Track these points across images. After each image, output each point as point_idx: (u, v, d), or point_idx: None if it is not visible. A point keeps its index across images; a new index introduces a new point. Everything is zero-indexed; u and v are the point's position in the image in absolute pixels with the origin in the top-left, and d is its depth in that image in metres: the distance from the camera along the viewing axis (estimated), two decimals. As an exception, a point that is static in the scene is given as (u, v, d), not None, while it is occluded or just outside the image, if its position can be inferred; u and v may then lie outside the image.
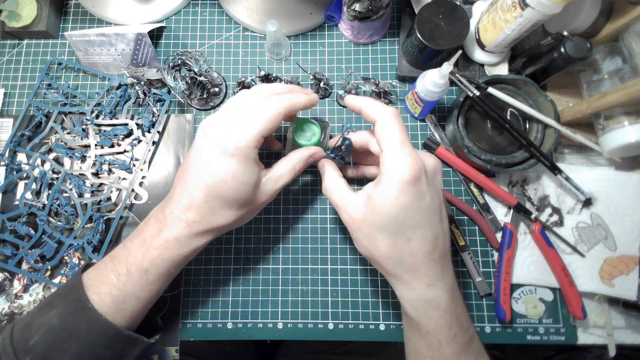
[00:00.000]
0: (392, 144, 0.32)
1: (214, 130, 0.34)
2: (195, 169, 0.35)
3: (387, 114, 0.33)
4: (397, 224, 0.32)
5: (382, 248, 0.33)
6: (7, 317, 0.46)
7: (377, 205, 0.32)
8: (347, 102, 0.37)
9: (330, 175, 0.37)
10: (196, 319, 0.45)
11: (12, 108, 0.51)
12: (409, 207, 0.31)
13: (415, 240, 0.32)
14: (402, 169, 0.31)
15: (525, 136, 0.44)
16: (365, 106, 0.35)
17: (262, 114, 0.34)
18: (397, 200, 0.31)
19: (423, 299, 0.33)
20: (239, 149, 0.33)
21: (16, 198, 0.48)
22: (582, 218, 0.46)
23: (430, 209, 0.32)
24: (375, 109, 0.34)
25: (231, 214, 0.35)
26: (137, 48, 0.50)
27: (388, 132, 0.32)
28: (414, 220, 0.32)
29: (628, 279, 0.44)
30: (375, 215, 0.32)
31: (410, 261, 0.32)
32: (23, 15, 0.51)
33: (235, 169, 0.33)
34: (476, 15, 0.48)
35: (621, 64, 0.43)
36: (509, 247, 0.45)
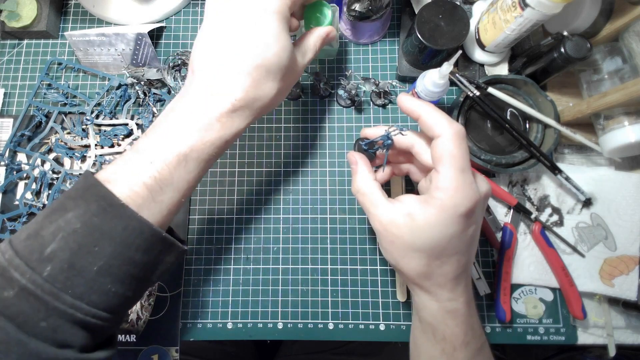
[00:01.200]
0: (454, 169, 0.29)
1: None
2: (224, 35, 0.31)
3: (453, 133, 0.30)
4: (437, 251, 0.30)
5: (412, 265, 0.31)
6: (7, 317, 0.46)
7: (421, 228, 0.29)
8: (403, 103, 0.33)
9: (363, 176, 0.34)
10: (196, 319, 0.45)
11: (12, 108, 0.51)
12: (454, 238, 0.30)
13: (449, 264, 0.31)
14: (459, 201, 0.29)
15: (525, 136, 0.44)
16: (427, 115, 0.31)
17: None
18: (445, 230, 0.29)
19: (443, 310, 0.32)
20: (279, 4, 0.30)
21: (16, 198, 0.48)
22: (582, 218, 0.46)
23: (472, 237, 0.31)
24: (439, 123, 0.30)
25: (273, 85, 0.32)
26: (137, 48, 0.50)
27: (450, 155, 0.29)
28: (456, 248, 0.30)
29: (628, 279, 0.44)
30: (416, 237, 0.30)
31: (439, 280, 0.31)
32: (23, 15, 0.51)
33: (277, 30, 0.30)
34: (476, 15, 0.48)
35: (621, 64, 0.43)
36: (509, 247, 0.45)
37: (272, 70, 0.31)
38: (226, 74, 0.31)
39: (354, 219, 0.48)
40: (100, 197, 0.28)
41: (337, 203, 0.48)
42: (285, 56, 0.31)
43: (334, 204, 0.48)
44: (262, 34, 0.30)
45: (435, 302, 0.32)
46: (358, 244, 0.47)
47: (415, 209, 0.30)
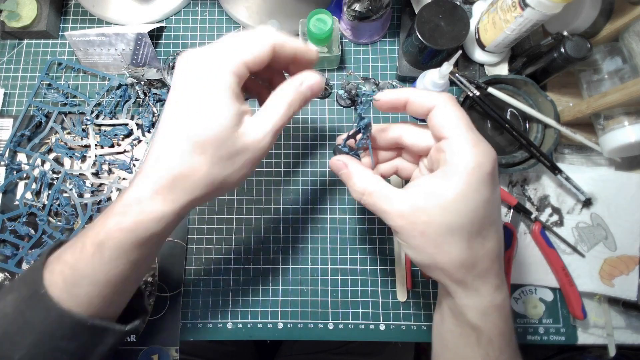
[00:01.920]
0: (463, 129, 0.27)
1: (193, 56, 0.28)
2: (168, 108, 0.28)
3: (447, 99, 0.28)
4: (477, 225, 0.26)
5: (453, 253, 0.27)
6: (7, 317, 0.46)
7: (453, 202, 0.26)
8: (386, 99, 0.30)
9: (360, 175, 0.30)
10: (196, 319, 0.45)
11: (12, 108, 0.51)
12: (488, 202, 0.26)
13: (490, 239, 0.27)
14: (481, 159, 0.26)
15: (525, 136, 0.44)
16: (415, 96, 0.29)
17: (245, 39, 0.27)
18: (478, 196, 0.26)
19: (493, 305, 0.28)
20: (211, 72, 0.26)
21: (16, 198, 0.48)
22: (582, 218, 0.46)
23: (499, 202, 0.28)
24: (429, 96, 0.28)
25: (204, 161, 0.26)
26: (137, 48, 0.50)
27: (454, 117, 0.27)
28: (492, 216, 0.27)
29: (628, 279, 0.44)
30: (448, 214, 0.26)
31: (484, 264, 0.28)
32: (23, 15, 0.51)
33: (208, 99, 0.26)
34: (476, 15, 0.48)
35: (621, 64, 0.43)
36: (509, 247, 0.45)
37: (199, 142, 0.26)
38: (155, 150, 0.27)
39: (354, 219, 0.47)
40: (32, 282, 0.29)
41: (337, 203, 0.48)
42: (216, 124, 0.26)
43: (334, 204, 0.48)
44: (195, 106, 0.27)
45: (482, 298, 0.28)
46: (358, 244, 0.47)
47: (437, 186, 0.26)
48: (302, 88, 0.29)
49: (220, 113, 0.26)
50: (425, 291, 0.45)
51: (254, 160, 0.28)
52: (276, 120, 0.28)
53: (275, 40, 0.28)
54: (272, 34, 0.28)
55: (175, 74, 0.28)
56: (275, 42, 0.28)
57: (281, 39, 0.28)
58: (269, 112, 0.28)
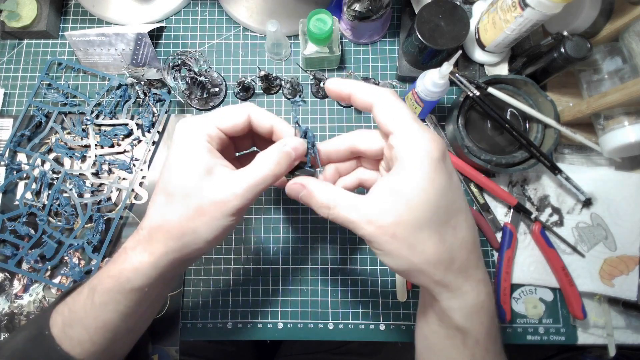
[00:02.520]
0: (407, 121, 0.26)
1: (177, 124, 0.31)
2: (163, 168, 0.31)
3: (388, 93, 0.28)
4: (442, 213, 0.26)
5: (429, 251, 0.26)
6: (7, 317, 0.46)
7: (413, 195, 0.25)
8: (331, 87, 0.30)
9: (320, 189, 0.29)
10: (196, 319, 0.45)
11: (12, 108, 0.51)
12: (448, 189, 0.26)
13: (461, 227, 0.27)
14: (428, 146, 0.26)
15: (525, 136, 0.44)
16: (356, 90, 0.29)
17: (224, 109, 0.31)
18: (435, 183, 0.25)
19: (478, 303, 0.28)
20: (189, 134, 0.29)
21: (16, 198, 0.48)
22: (582, 218, 0.46)
23: (460, 187, 0.28)
24: (370, 91, 0.28)
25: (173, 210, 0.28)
26: (137, 48, 0.50)
27: (397, 111, 0.27)
28: (456, 203, 0.27)
29: (628, 279, 0.44)
30: (414, 209, 0.25)
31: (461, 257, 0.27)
32: (23, 15, 0.51)
33: (177, 151, 0.29)
34: (476, 15, 0.48)
35: (621, 64, 0.43)
36: (509, 247, 0.45)
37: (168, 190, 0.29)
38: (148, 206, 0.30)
39: (354, 219, 0.47)
40: (40, 322, 0.31)
41: (337, 203, 0.48)
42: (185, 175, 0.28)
43: (334, 204, 0.48)
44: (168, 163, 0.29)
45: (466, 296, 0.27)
46: (358, 244, 0.47)
47: (395, 183, 0.26)
48: (285, 149, 0.29)
49: (188, 166, 0.28)
50: (425, 291, 0.45)
51: (225, 214, 0.28)
52: (252, 180, 0.28)
53: (251, 111, 0.31)
54: (250, 107, 0.31)
55: None
56: (250, 112, 0.31)
57: (258, 112, 0.31)
58: (246, 171, 0.29)
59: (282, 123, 0.31)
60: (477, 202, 0.47)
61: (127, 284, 0.29)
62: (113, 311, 0.30)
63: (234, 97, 0.51)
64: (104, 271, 0.30)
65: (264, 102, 0.51)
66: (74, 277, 0.45)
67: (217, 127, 0.30)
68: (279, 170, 0.29)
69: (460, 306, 0.28)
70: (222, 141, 0.31)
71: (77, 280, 0.46)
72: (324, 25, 0.44)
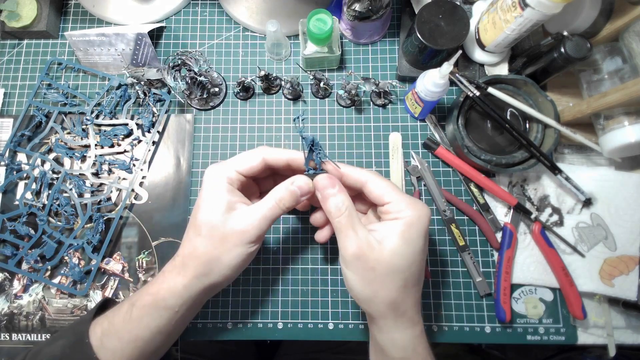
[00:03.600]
0: (399, 195, 0.34)
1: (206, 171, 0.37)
2: None
3: (374, 174, 0.35)
4: (414, 268, 0.33)
5: (391, 290, 0.32)
6: (7, 317, 0.46)
7: (398, 246, 0.32)
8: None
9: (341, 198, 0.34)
10: (196, 318, 0.45)
11: (12, 108, 0.51)
12: (422, 252, 0.33)
13: (419, 282, 0.34)
14: (417, 217, 0.33)
15: (525, 136, 0.44)
16: (348, 172, 0.36)
17: (242, 154, 0.37)
18: (416, 245, 0.33)
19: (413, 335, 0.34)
20: (213, 179, 0.35)
21: (16, 198, 0.48)
22: (582, 218, 0.46)
23: (426, 252, 0.35)
24: (360, 173, 0.35)
25: (201, 241, 0.34)
26: (137, 48, 0.50)
27: (387, 186, 0.34)
28: (421, 264, 0.34)
29: (628, 279, 0.44)
30: (397, 257, 0.32)
31: (409, 303, 0.34)
32: (23, 15, 0.51)
33: (204, 192, 0.35)
34: (476, 15, 0.48)
35: (621, 64, 0.43)
36: (509, 247, 0.45)
37: (197, 226, 0.34)
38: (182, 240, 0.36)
39: (354, 219, 0.47)
40: (79, 332, 0.35)
41: (337, 203, 0.48)
42: (209, 212, 0.34)
43: (334, 204, 0.48)
44: (198, 202, 0.35)
45: (404, 331, 0.34)
46: (358, 244, 0.47)
47: (388, 233, 0.33)
48: (292, 187, 0.35)
49: (212, 204, 0.34)
50: (425, 291, 0.45)
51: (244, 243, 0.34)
52: (265, 212, 0.34)
53: (265, 154, 0.36)
54: (264, 150, 0.37)
55: None
56: (264, 155, 0.36)
57: (271, 152, 0.36)
58: (260, 205, 0.35)
59: (295, 155, 0.36)
60: (477, 202, 0.47)
61: (162, 302, 0.34)
62: (146, 327, 0.34)
63: (234, 97, 0.51)
64: (144, 289, 0.36)
65: (264, 102, 0.51)
66: (74, 277, 0.45)
67: (236, 171, 0.36)
68: (286, 206, 0.35)
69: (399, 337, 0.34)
70: (242, 182, 0.36)
71: (76, 281, 0.46)
72: (324, 25, 0.44)
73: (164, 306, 0.34)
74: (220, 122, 0.50)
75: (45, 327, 0.45)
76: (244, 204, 0.35)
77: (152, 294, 0.35)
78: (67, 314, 0.46)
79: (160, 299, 0.34)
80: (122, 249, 0.47)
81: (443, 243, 0.47)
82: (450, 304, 0.45)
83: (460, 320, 0.45)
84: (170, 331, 0.36)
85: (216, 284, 0.35)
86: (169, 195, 0.48)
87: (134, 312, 0.34)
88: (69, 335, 0.36)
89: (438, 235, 0.47)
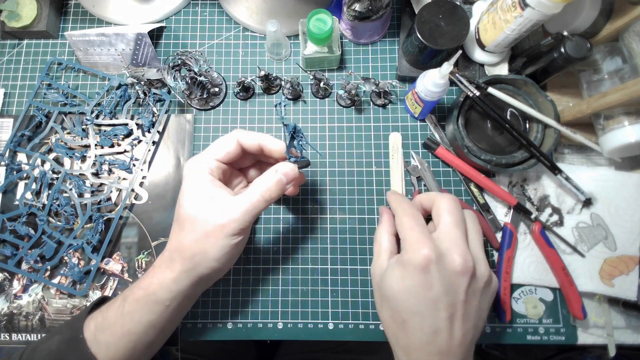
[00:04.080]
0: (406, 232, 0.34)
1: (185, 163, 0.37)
2: None
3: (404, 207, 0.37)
4: (397, 304, 0.33)
5: (384, 314, 0.35)
6: (7, 317, 0.46)
7: (387, 278, 0.34)
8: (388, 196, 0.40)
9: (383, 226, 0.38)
10: (196, 319, 0.45)
11: (12, 108, 0.51)
12: (412, 291, 0.32)
13: (411, 325, 0.33)
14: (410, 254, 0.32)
15: (525, 136, 0.44)
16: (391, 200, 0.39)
17: (218, 140, 0.37)
18: (401, 282, 0.33)
19: None
20: (192, 169, 0.35)
21: (16, 198, 0.48)
22: (582, 218, 0.46)
23: (435, 301, 0.32)
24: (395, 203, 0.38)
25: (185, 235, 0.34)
26: (137, 48, 0.50)
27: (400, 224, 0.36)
28: (414, 306, 0.32)
29: (628, 279, 0.44)
30: (384, 287, 0.34)
31: (405, 342, 0.33)
32: (23, 15, 0.51)
33: (185, 186, 0.35)
34: (476, 15, 0.48)
35: (621, 64, 0.43)
36: (509, 247, 0.45)
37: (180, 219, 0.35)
38: None
39: (354, 219, 0.47)
40: (74, 327, 0.36)
41: (337, 203, 0.48)
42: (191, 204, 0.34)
43: (333, 203, 0.48)
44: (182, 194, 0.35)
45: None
46: (358, 244, 0.47)
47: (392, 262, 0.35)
48: (277, 175, 0.35)
49: (194, 197, 0.34)
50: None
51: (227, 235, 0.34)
52: (248, 205, 0.34)
53: (239, 137, 0.36)
54: (237, 133, 0.36)
55: None
56: (238, 137, 0.36)
57: (244, 135, 0.36)
58: (243, 197, 0.34)
59: (267, 139, 0.36)
60: (477, 202, 0.47)
61: (152, 296, 0.34)
62: (138, 321, 0.35)
63: (234, 97, 0.51)
64: (136, 283, 0.36)
65: (264, 102, 0.51)
66: (73, 277, 0.45)
67: (215, 159, 0.35)
68: (272, 196, 0.35)
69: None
70: (224, 171, 0.36)
71: (76, 281, 0.46)
72: (324, 25, 0.44)
73: (155, 300, 0.34)
74: (220, 122, 0.50)
75: (45, 327, 0.45)
76: (226, 194, 0.35)
77: (143, 288, 0.35)
78: (67, 314, 0.46)
79: (150, 293, 0.34)
80: (121, 249, 0.47)
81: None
82: (450, 304, 0.45)
83: (460, 320, 0.45)
84: (163, 325, 0.36)
85: (205, 277, 0.35)
86: (169, 195, 0.48)
87: (126, 306, 0.35)
88: (64, 331, 0.36)
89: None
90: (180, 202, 0.35)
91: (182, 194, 0.35)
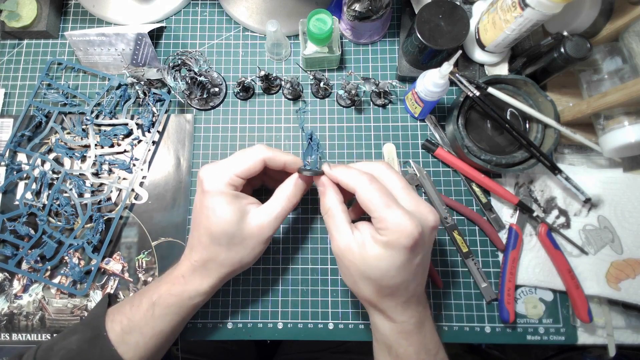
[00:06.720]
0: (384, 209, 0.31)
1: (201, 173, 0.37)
2: (194, 212, 0.38)
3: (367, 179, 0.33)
4: (385, 280, 0.32)
5: (364, 291, 0.34)
6: (7, 317, 0.46)
7: (371, 258, 0.32)
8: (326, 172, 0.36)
9: (331, 197, 0.35)
10: (196, 318, 0.45)
11: (12, 108, 0.51)
12: (401, 269, 0.32)
13: (398, 293, 0.33)
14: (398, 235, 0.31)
15: (525, 136, 0.44)
16: (338, 177, 0.35)
17: (239, 155, 0.37)
18: (391, 263, 0.32)
19: (396, 330, 0.35)
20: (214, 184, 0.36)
21: (16, 198, 0.48)
22: (589, 220, 0.46)
23: (419, 266, 0.33)
24: (350, 178, 0.33)
25: (221, 249, 0.36)
26: (137, 48, 0.50)
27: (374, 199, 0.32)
28: (403, 277, 0.33)
29: (635, 283, 0.44)
30: (366, 266, 0.32)
31: (389, 304, 0.34)
32: (23, 15, 0.51)
33: (212, 204, 0.36)
34: (476, 15, 0.48)
35: (621, 64, 0.43)
36: (514, 248, 0.44)
37: (216, 236, 0.36)
38: (191, 241, 0.39)
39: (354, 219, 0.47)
40: (95, 326, 0.37)
41: (337, 203, 0.48)
42: (225, 223, 0.35)
43: (334, 204, 0.48)
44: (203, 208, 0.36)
45: (388, 323, 0.35)
46: (358, 244, 0.47)
47: (367, 241, 0.32)
48: (298, 182, 0.38)
49: (226, 216, 0.35)
50: (425, 291, 0.45)
51: (262, 242, 0.37)
52: (278, 210, 0.37)
53: (265, 155, 0.37)
54: (262, 151, 0.37)
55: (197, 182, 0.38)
56: (265, 157, 0.37)
57: (271, 154, 0.37)
58: (271, 204, 0.37)
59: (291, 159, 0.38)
60: (480, 201, 0.47)
61: (189, 301, 0.38)
62: (169, 322, 0.38)
63: (234, 97, 0.51)
64: (164, 290, 0.38)
65: (264, 102, 0.51)
66: (73, 277, 0.45)
67: (237, 175, 0.36)
68: (296, 200, 0.38)
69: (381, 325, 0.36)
70: (241, 184, 0.37)
71: (76, 281, 0.46)
72: (324, 25, 0.44)
73: (189, 305, 0.38)
74: (220, 122, 0.50)
75: (45, 327, 0.45)
76: (254, 204, 0.37)
77: (176, 295, 0.37)
78: (67, 314, 0.46)
79: (186, 299, 0.38)
80: (122, 249, 0.47)
81: (445, 250, 0.47)
82: (451, 304, 0.45)
83: (460, 320, 0.45)
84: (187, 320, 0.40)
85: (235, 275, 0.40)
86: (169, 195, 0.48)
87: (157, 310, 0.37)
88: (83, 330, 0.38)
89: (439, 242, 0.47)
90: (209, 218, 0.35)
91: (209, 210, 0.35)
